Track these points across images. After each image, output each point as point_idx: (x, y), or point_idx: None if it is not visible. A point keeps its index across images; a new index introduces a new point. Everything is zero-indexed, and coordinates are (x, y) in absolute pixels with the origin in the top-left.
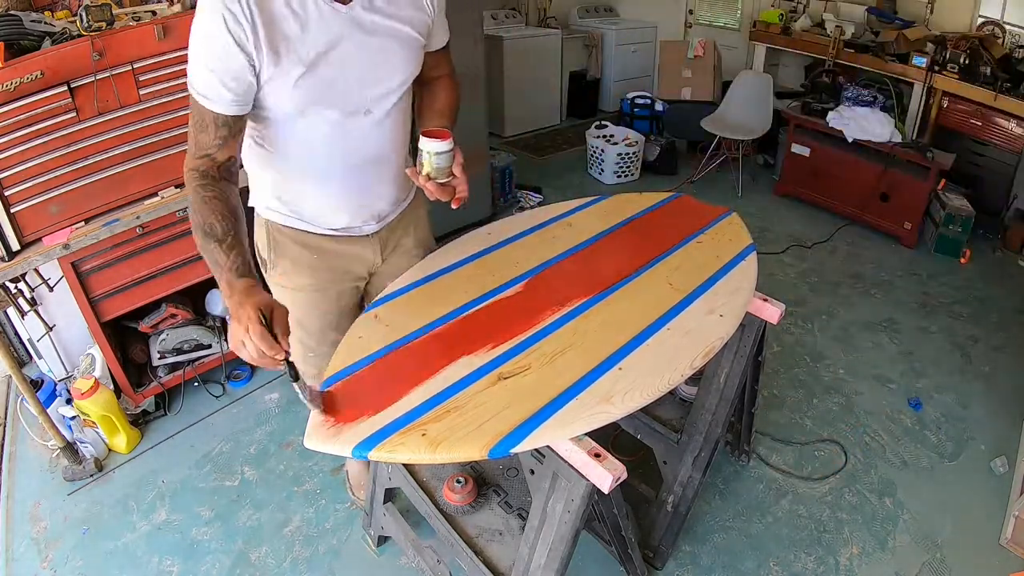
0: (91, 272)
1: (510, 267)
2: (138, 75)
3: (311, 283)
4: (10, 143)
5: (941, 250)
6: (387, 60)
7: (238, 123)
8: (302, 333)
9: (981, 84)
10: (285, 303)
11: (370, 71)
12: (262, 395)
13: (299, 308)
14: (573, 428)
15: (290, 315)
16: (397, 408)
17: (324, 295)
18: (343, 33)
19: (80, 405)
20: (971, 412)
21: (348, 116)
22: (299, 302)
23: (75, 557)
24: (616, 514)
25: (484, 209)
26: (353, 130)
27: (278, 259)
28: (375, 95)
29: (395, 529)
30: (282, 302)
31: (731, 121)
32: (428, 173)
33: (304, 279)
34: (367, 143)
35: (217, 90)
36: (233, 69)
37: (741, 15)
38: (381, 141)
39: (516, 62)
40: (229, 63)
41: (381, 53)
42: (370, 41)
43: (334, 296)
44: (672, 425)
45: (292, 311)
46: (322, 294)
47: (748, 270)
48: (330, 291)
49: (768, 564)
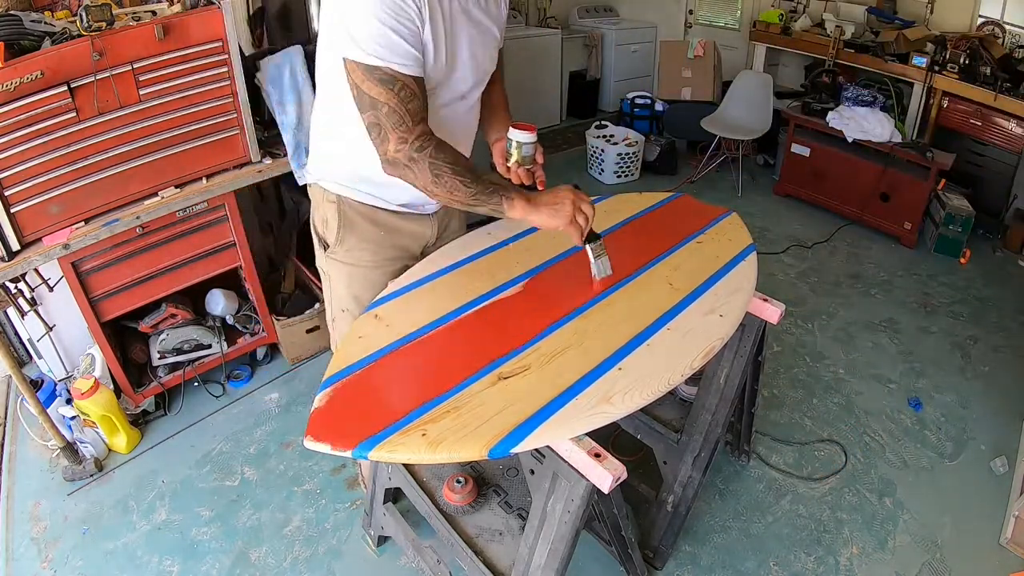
0: (91, 272)
1: (510, 267)
2: (138, 75)
3: (372, 260)
4: (10, 143)
5: (941, 250)
6: (484, 52)
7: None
8: (358, 308)
9: (981, 84)
10: (343, 279)
11: (472, 60)
12: (262, 395)
13: (357, 283)
14: (573, 428)
15: (347, 291)
16: (397, 408)
17: (383, 272)
18: (459, 24)
19: (80, 405)
20: (971, 412)
21: (452, 99)
22: (357, 277)
23: (75, 557)
24: (616, 514)
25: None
26: (452, 112)
27: (346, 235)
28: (473, 83)
29: (395, 529)
30: (341, 278)
31: (731, 121)
32: (518, 160)
33: (367, 255)
34: (458, 125)
35: (411, 54)
36: (415, 32)
37: (741, 15)
38: (467, 125)
39: (516, 62)
40: (411, 27)
41: (480, 46)
42: (474, 33)
43: (390, 273)
44: (672, 425)
45: (350, 286)
46: (381, 271)
47: (748, 270)
48: (387, 268)
49: (768, 564)
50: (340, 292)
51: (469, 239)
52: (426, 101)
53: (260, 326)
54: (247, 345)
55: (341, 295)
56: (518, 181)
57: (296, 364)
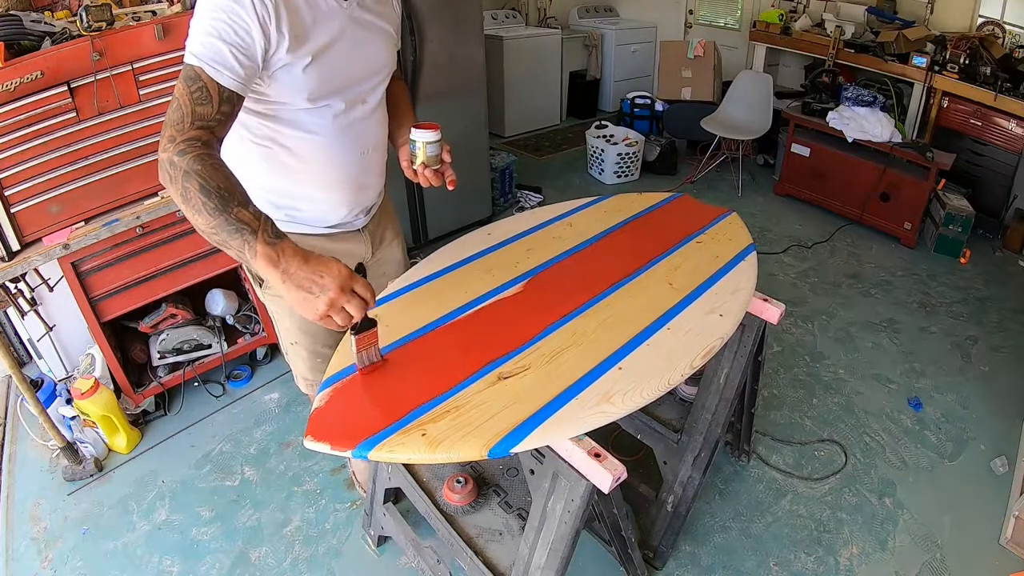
0: (91, 272)
1: (510, 267)
2: (138, 75)
3: None
4: (10, 143)
5: (941, 250)
6: (376, 53)
7: (236, 105)
8: (309, 341)
9: (981, 84)
10: (285, 313)
11: (364, 63)
12: (262, 395)
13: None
14: (573, 428)
15: (292, 323)
16: (397, 408)
17: None
18: (344, 27)
19: (80, 405)
20: (971, 412)
21: (350, 106)
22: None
23: (75, 557)
24: (616, 514)
25: (484, 209)
26: (354, 121)
27: None
28: (370, 86)
29: (395, 529)
30: (283, 312)
31: (731, 121)
32: (424, 162)
33: None
34: (365, 133)
35: (228, 62)
36: (248, 47)
37: (741, 15)
38: (375, 130)
39: (516, 62)
40: (246, 40)
41: (372, 47)
42: (363, 35)
43: None
44: (672, 425)
45: (292, 318)
46: None
47: (748, 270)
48: None
49: (768, 564)
50: (285, 325)
51: (469, 239)
52: (224, 115)
53: (260, 326)
54: (247, 345)
55: (287, 328)
56: (427, 183)
57: None
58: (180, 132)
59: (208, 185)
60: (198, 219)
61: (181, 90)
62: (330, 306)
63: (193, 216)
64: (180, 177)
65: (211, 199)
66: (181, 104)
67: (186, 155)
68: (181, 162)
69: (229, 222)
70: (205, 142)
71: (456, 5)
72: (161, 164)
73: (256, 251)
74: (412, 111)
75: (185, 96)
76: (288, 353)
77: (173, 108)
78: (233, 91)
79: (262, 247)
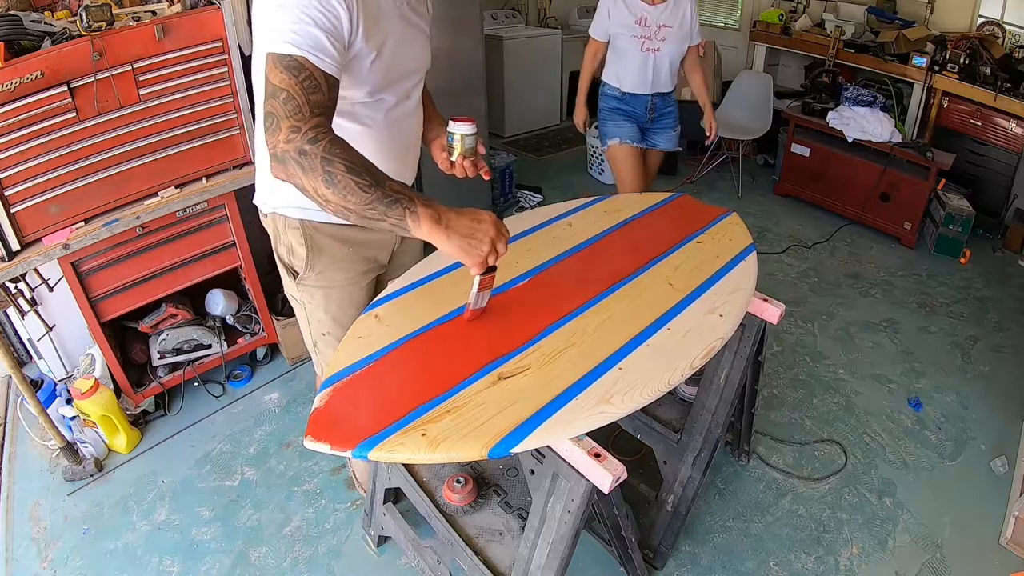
0: (91, 272)
1: (510, 267)
2: (138, 75)
3: (345, 278)
4: (10, 143)
5: (941, 250)
6: (421, 51)
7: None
8: (338, 330)
9: (981, 84)
10: (319, 303)
11: (412, 60)
12: (262, 395)
13: (334, 303)
14: (573, 428)
15: (325, 314)
16: (397, 408)
17: (357, 288)
18: (396, 24)
19: (80, 405)
20: (971, 412)
21: (399, 101)
22: (334, 298)
23: (75, 557)
24: (616, 514)
25: (484, 209)
26: (401, 115)
27: (316, 260)
28: (413, 82)
29: (395, 529)
30: (317, 302)
31: (731, 121)
32: (462, 153)
33: (339, 275)
34: (407, 128)
35: (328, 50)
36: (339, 32)
37: (741, 15)
38: (415, 125)
39: (516, 62)
40: (337, 26)
41: (418, 44)
42: (411, 33)
43: (365, 287)
44: (672, 425)
45: (327, 308)
46: (356, 287)
47: (748, 270)
48: (361, 283)
49: (768, 564)
50: (318, 316)
51: None
52: (333, 102)
53: (260, 326)
54: (247, 345)
55: (320, 319)
56: (463, 174)
57: (296, 364)
58: (303, 121)
59: (355, 166)
60: (350, 199)
61: (288, 81)
62: (491, 246)
63: (341, 197)
64: (319, 163)
65: (363, 177)
66: (293, 94)
67: (318, 142)
68: (316, 149)
69: (387, 194)
70: (327, 127)
71: (456, 5)
72: (285, 156)
73: (418, 215)
74: (436, 109)
75: (296, 86)
76: (317, 344)
77: (283, 99)
78: (336, 78)
79: (423, 209)
